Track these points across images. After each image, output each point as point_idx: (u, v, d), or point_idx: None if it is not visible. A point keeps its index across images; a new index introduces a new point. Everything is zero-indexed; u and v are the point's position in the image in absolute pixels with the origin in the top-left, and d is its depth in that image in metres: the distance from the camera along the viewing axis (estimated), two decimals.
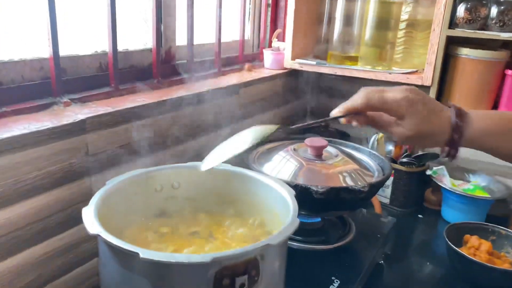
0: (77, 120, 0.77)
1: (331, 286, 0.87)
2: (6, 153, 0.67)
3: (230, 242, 0.73)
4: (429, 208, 1.42)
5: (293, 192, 0.72)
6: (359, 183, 0.99)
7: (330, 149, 1.06)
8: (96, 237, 0.56)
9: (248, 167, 1.01)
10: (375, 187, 0.94)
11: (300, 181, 0.97)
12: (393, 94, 0.65)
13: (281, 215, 0.73)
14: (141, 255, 0.52)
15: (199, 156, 1.07)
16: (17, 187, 0.69)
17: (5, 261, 0.70)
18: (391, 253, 1.15)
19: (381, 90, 0.66)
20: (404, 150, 1.41)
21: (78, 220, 0.78)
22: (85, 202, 0.80)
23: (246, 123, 1.25)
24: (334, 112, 0.71)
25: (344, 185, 0.96)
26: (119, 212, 0.71)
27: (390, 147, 1.44)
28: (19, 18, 0.83)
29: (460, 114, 0.66)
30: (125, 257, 0.55)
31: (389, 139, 1.44)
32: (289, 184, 0.89)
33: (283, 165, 1.02)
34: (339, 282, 0.88)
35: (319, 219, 1.04)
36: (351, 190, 0.90)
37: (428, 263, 1.15)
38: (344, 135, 1.52)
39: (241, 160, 1.00)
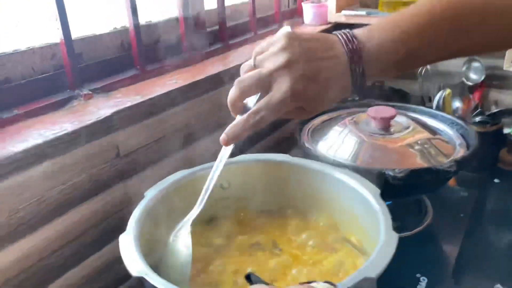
0: (102, 118, 0.63)
1: (418, 286, 0.73)
2: (21, 170, 0.54)
3: (301, 255, 0.59)
4: (505, 170, 1.24)
5: (378, 190, 0.57)
6: (439, 159, 0.83)
7: (399, 118, 0.89)
8: None
9: (300, 147, 0.86)
10: (463, 164, 0.77)
11: (365, 161, 0.82)
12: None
13: (360, 217, 0.59)
14: None
15: (248, 142, 0.93)
16: (40, 207, 0.57)
17: None
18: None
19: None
20: (473, 107, 1.22)
21: (116, 233, 0.67)
22: (122, 211, 0.69)
23: None
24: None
25: (422, 164, 0.80)
26: (163, 226, 0.58)
27: (457, 104, 1.26)
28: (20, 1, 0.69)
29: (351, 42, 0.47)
30: None
31: (455, 95, 1.25)
32: (357, 169, 0.75)
33: (341, 142, 0.87)
34: (426, 280, 0.74)
35: (389, 202, 0.89)
36: (436, 171, 0.74)
37: (508, 232, 0.99)
38: (402, 95, 1.34)
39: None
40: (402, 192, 0.79)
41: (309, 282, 0.36)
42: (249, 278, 0.35)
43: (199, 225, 0.65)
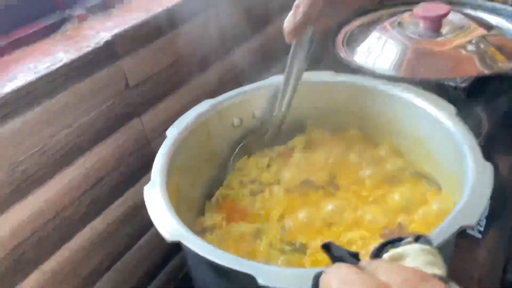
0: (102, 43, 0.52)
1: None
2: (14, 115, 0.44)
3: (366, 194, 0.49)
4: None
5: (453, 109, 0.46)
6: (502, 61, 0.70)
7: (452, 16, 0.75)
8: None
9: (333, 58, 0.74)
10: None
11: (410, 71, 0.70)
12: None
13: (428, 142, 0.49)
14: (260, 282, 0.30)
15: (275, 56, 0.81)
16: (45, 157, 0.48)
17: (61, 249, 0.52)
18: None
19: None
20: None
21: (137, 175, 0.59)
22: (141, 150, 0.60)
23: None
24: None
25: (481, 69, 0.68)
26: (194, 168, 0.50)
27: None
28: None
29: None
30: (229, 277, 0.35)
31: None
32: (407, 80, 0.63)
33: (380, 50, 0.74)
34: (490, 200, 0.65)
35: None
36: (505, 77, 0.62)
37: None
38: None
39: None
40: (461, 104, 0.68)
41: (393, 241, 0.27)
42: (327, 248, 0.26)
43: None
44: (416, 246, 0.25)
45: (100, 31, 0.54)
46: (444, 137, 0.44)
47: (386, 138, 0.54)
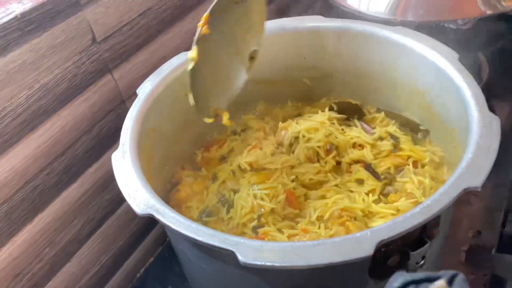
0: None
1: None
2: None
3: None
4: None
5: (455, 55, 0.41)
6: (503, 3, 0.65)
7: None
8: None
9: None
10: None
11: (409, 12, 0.65)
12: None
13: (427, 94, 0.44)
14: (241, 259, 0.27)
15: None
16: (6, 122, 0.44)
17: (35, 219, 0.49)
18: None
19: None
20: None
21: (115, 135, 0.55)
22: (116, 109, 0.55)
23: None
24: None
25: (482, 8, 0.62)
26: (169, 129, 0.45)
27: None
28: None
29: None
30: (208, 250, 0.31)
31: None
32: (404, 23, 0.58)
33: None
34: None
35: None
36: (510, 17, 0.57)
37: None
38: None
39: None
40: (463, 47, 0.63)
41: (419, 281, 0.22)
42: None
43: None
44: None
45: None
46: (446, 87, 0.39)
47: (378, 95, 0.49)
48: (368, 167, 0.47)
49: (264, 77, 0.51)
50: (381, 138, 0.48)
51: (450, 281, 0.21)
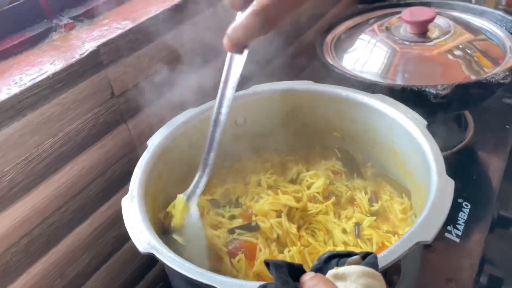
0: (87, 53, 0.53)
1: (461, 212, 0.66)
2: None
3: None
4: None
5: (424, 122, 0.47)
6: (486, 66, 0.71)
7: (438, 20, 0.76)
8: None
9: (323, 62, 0.75)
10: None
11: (398, 75, 0.71)
12: None
13: (403, 154, 0.50)
14: None
15: (259, 63, 0.82)
16: (31, 166, 0.50)
17: (49, 252, 0.54)
18: None
19: None
20: None
21: (124, 179, 0.61)
22: (128, 155, 0.62)
23: None
24: None
25: (466, 74, 0.69)
26: (174, 177, 0.51)
27: None
28: None
29: None
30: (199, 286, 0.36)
31: None
32: (389, 86, 0.64)
33: (369, 53, 0.75)
34: (469, 206, 0.67)
35: None
36: (486, 84, 0.63)
37: None
38: None
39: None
40: (444, 109, 0.69)
41: (341, 256, 0.29)
42: (268, 265, 0.28)
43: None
44: (359, 268, 0.26)
45: (86, 42, 0.56)
46: (415, 150, 0.45)
47: (364, 149, 0.55)
48: (358, 225, 0.52)
49: (257, 131, 0.58)
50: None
51: (364, 258, 0.27)
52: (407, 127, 0.47)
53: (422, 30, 0.73)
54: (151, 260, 0.68)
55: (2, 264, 0.49)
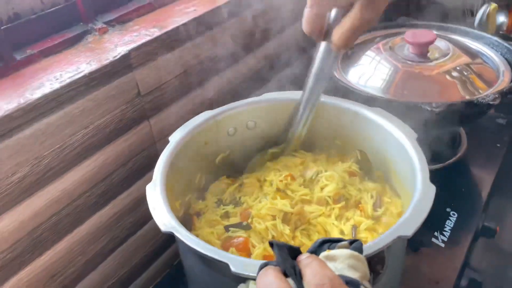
0: (119, 57, 0.60)
1: (448, 221, 0.72)
2: (40, 118, 0.53)
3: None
4: None
5: (414, 134, 0.53)
6: (481, 88, 0.77)
7: (439, 42, 0.82)
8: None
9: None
10: (507, 95, 0.72)
11: (398, 91, 0.77)
12: None
13: (395, 163, 0.56)
14: (233, 269, 0.38)
15: (274, 71, 0.88)
16: (65, 153, 0.57)
17: (74, 231, 0.61)
18: None
19: None
20: None
21: (143, 171, 0.67)
22: (148, 149, 0.68)
23: None
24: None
25: (462, 94, 0.75)
26: (191, 171, 0.58)
27: (502, 19, 1.14)
28: None
29: None
30: (211, 263, 0.43)
31: (501, 8, 1.13)
32: (388, 101, 0.70)
33: (373, 70, 0.81)
34: (456, 215, 0.73)
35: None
36: (477, 104, 0.69)
37: None
38: (439, 9, 1.22)
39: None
40: (439, 125, 0.75)
41: (332, 241, 0.35)
42: (272, 245, 0.34)
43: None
44: (347, 252, 0.32)
45: (118, 45, 0.62)
46: (405, 160, 0.51)
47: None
48: (355, 228, 0.58)
49: (266, 135, 0.64)
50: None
51: (352, 244, 0.33)
52: (399, 139, 0.53)
53: (423, 51, 0.79)
54: (161, 247, 0.75)
55: (33, 238, 0.56)
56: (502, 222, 0.78)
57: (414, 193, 0.45)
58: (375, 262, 0.42)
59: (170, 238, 0.66)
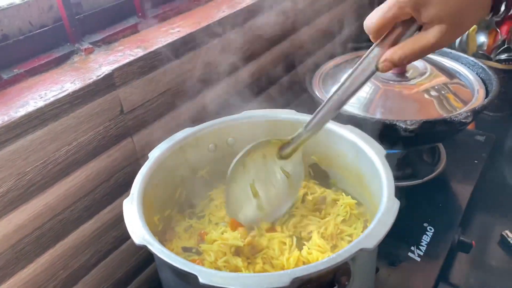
0: (102, 76, 0.62)
1: (425, 235, 0.74)
2: (24, 135, 0.55)
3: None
4: None
5: (383, 151, 0.55)
6: (456, 106, 0.80)
7: (416, 62, 0.85)
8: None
9: (309, 92, 0.84)
10: (479, 114, 0.74)
11: (378, 110, 0.80)
12: None
13: (366, 177, 0.58)
14: (201, 280, 0.40)
15: (258, 89, 0.91)
16: (48, 169, 0.58)
17: (57, 245, 0.62)
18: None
19: None
20: (500, 42, 1.14)
21: (127, 186, 0.69)
22: (131, 165, 0.70)
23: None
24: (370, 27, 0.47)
25: (438, 112, 0.77)
26: (170, 186, 0.59)
27: (482, 39, 1.18)
28: None
29: None
30: (182, 275, 0.44)
31: (481, 29, 1.17)
32: (366, 119, 0.73)
33: None
34: (433, 230, 0.75)
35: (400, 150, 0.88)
36: (450, 122, 0.71)
37: None
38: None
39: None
40: (415, 142, 0.78)
41: None
42: None
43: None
44: None
45: (102, 64, 0.65)
46: (375, 175, 0.53)
47: (337, 173, 0.64)
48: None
49: None
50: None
51: None
52: (369, 155, 0.55)
53: (400, 70, 0.82)
54: (143, 261, 0.76)
55: (16, 251, 0.57)
56: (480, 237, 0.80)
57: (379, 207, 0.47)
58: (340, 273, 0.43)
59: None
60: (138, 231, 0.46)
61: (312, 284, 0.42)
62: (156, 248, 0.44)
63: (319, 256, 0.51)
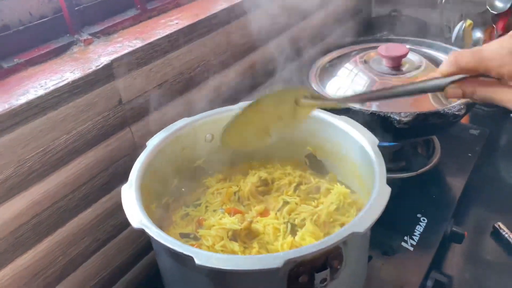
0: (101, 66, 0.63)
1: (418, 226, 0.75)
2: (24, 122, 0.56)
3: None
4: None
5: (376, 141, 0.56)
6: (451, 102, 0.81)
7: (412, 56, 0.86)
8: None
9: (306, 86, 0.85)
10: (473, 107, 0.75)
11: (373, 102, 0.81)
12: (492, 47, 0.43)
13: (360, 167, 0.59)
14: (197, 262, 0.41)
15: (254, 82, 0.92)
16: (47, 157, 0.59)
17: (55, 233, 0.63)
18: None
19: (475, 49, 0.44)
20: (496, 38, 1.15)
21: (125, 175, 0.70)
22: (129, 155, 0.71)
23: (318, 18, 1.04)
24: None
25: (433, 105, 0.78)
26: (167, 174, 0.60)
27: (478, 35, 1.19)
28: None
29: None
30: (178, 257, 0.45)
31: (477, 25, 1.18)
32: (361, 111, 0.74)
33: (350, 83, 0.85)
34: (426, 220, 0.76)
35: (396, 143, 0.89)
36: (444, 114, 0.72)
37: None
38: (420, 25, 1.27)
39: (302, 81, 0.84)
40: (410, 134, 0.79)
41: None
42: None
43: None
44: None
45: (101, 55, 0.66)
46: (367, 164, 0.54)
47: (333, 163, 0.66)
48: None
49: None
50: None
51: None
52: (363, 144, 0.56)
53: (396, 64, 0.83)
54: (142, 249, 0.77)
55: (14, 238, 0.58)
56: (473, 229, 0.81)
57: (371, 193, 0.48)
58: (332, 257, 0.45)
59: (149, 242, 0.68)
60: (136, 215, 0.47)
61: (305, 267, 0.43)
62: (154, 231, 0.45)
63: (312, 241, 0.52)
